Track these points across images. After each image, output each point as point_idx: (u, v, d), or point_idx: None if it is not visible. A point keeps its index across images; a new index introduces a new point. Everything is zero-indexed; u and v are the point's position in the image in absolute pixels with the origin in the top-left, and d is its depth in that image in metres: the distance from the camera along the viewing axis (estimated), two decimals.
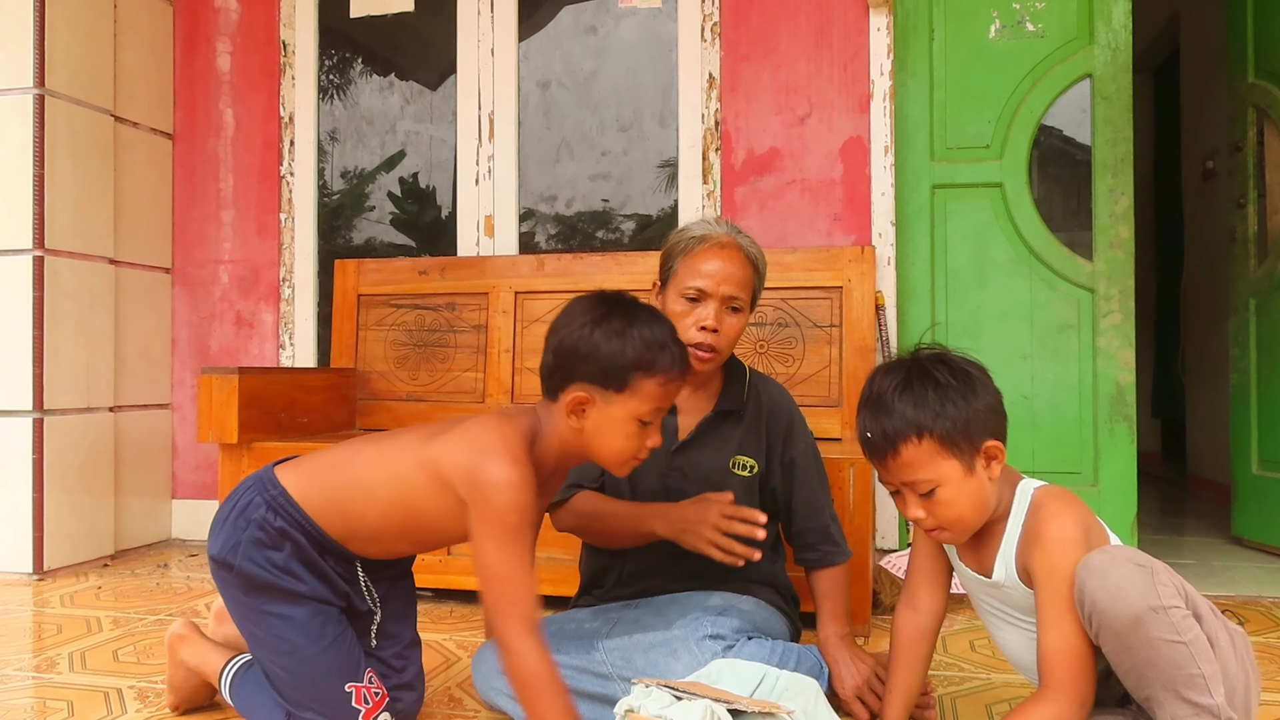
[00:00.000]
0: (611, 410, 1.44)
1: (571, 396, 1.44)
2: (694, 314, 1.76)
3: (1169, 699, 1.22)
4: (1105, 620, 1.23)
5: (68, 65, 3.06)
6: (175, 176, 3.60)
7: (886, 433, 1.35)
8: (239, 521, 1.51)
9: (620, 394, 1.44)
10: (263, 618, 1.51)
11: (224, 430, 2.68)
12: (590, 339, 1.43)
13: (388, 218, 3.66)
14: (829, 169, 3.06)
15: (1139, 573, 1.22)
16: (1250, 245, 3.34)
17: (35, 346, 2.94)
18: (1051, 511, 1.36)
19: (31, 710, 1.78)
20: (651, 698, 1.39)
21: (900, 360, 1.42)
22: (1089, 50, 3.02)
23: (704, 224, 1.85)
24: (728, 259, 1.78)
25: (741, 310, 1.80)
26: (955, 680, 1.94)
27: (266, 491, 1.51)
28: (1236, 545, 3.29)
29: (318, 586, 1.51)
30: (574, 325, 1.45)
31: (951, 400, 1.34)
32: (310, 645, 1.49)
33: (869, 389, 1.41)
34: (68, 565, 3.03)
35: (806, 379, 2.86)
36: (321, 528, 1.50)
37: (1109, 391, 2.96)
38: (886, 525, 2.94)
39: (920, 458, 1.34)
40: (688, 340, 1.72)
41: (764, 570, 1.90)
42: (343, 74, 3.67)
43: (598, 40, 3.41)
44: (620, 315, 1.46)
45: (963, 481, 1.35)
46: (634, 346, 1.43)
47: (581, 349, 1.44)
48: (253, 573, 1.48)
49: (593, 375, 1.43)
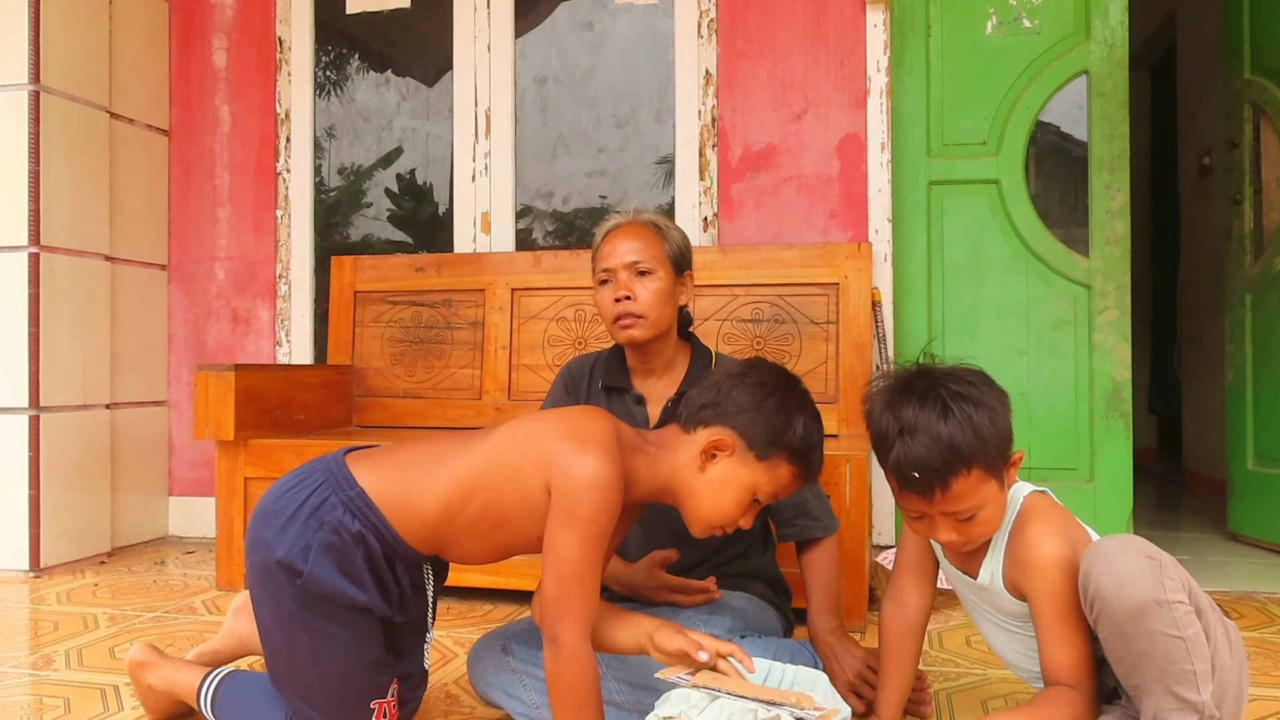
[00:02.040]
0: (741, 471, 1.41)
1: (716, 437, 1.41)
2: (607, 292, 1.85)
3: (1158, 691, 1.23)
4: (1108, 608, 1.23)
5: (63, 61, 3.05)
6: (171, 173, 3.60)
7: (938, 469, 1.28)
8: (310, 522, 1.37)
9: (759, 462, 1.41)
10: (307, 631, 1.38)
11: (220, 427, 2.68)
12: (763, 401, 1.42)
13: (385, 214, 3.65)
14: (826, 165, 3.06)
15: (1148, 564, 1.23)
16: (1246, 241, 3.34)
17: (31, 343, 2.94)
18: (1036, 534, 1.35)
19: (28, 707, 1.78)
20: (690, 702, 1.37)
21: (912, 380, 1.35)
22: (1085, 46, 3.02)
23: (606, 220, 1.94)
24: (623, 235, 1.87)
25: (653, 273, 1.84)
26: (951, 676, 1.94)
27: (342, 491, 1.38)
28: (1232, 541, 3.30)
29: (377, 598, 1.40)
30: (753, 379, 1.44)
31: (993, 421, 1.30)
32: (350, 664, 1.40)
33: (896, 419, 1.31)
34: (64, 562, 3.03)
35: (803, 376, 2.81)
36: (398, 532, 1.39)
37: (1105, 387, 2.97)
38: (883, 521, 2.94)
39: (969, 488, 1.30)
40: (609, 318, 1.85)
41: (755, 563, 1.91)
42: (339, 70, 3.67)
43: (594, 36, 3.41)
44: (797, 396, 1.45)
45: (998, 499, 1.35)
46: (796, 430, 1.41)
47: (749, 403, 1.42)
48: (322, 579, 1.35)
49: (745, 429, 1.41)
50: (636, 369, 1.93)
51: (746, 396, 1.42)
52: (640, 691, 1.55)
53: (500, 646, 1.67)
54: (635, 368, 1.93)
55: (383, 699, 1.44)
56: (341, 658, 1.39)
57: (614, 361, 1.96)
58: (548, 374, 3.03)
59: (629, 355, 1.93)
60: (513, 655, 1.65)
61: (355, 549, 1.36)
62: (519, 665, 1.63)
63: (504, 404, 3.11)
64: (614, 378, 1.93)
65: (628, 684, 1.56)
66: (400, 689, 1.50)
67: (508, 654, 1.65)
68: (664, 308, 1.85)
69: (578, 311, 3.09)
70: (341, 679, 1.40)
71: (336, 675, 1.40)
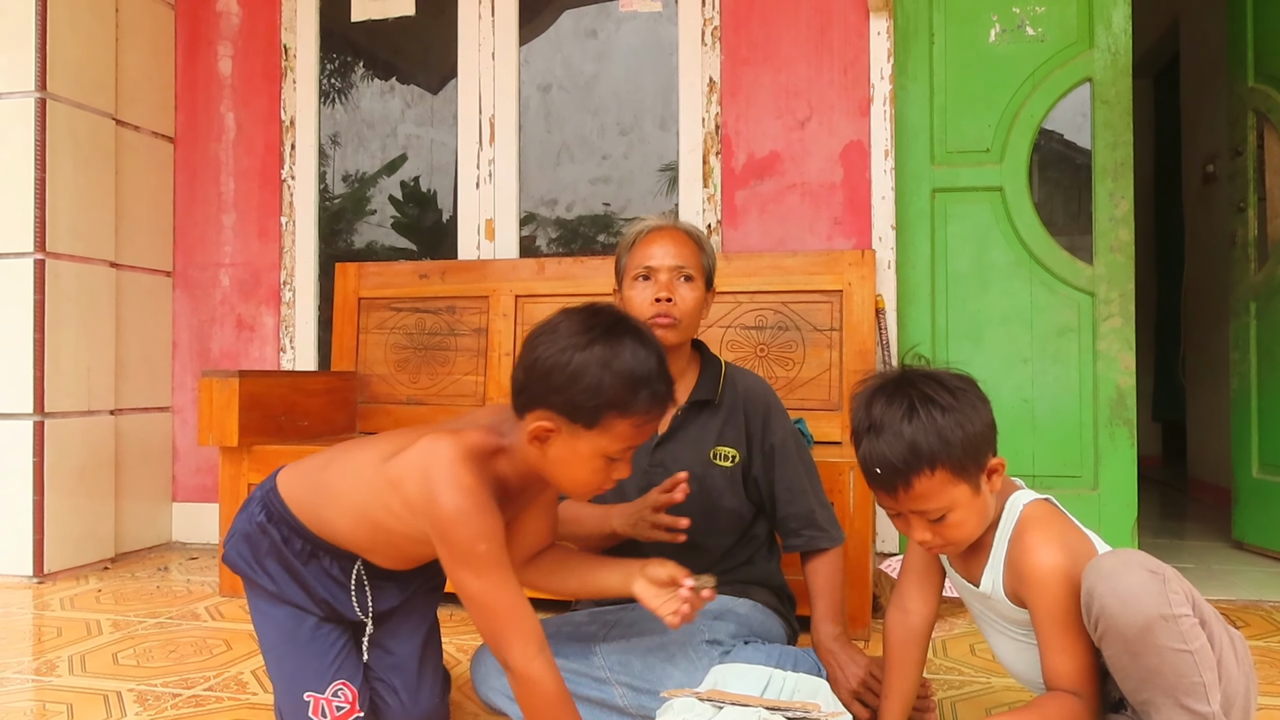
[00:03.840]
0: (577, 444, 1.34)
1: (535, 425, 1.34)
2: (646, 290, 1.83)
3: (1167, 705, 1.22)
4: (1114, 626, 1.22)
5: (69, 69, 3.07)
6: (176, 180, 3.61)
7: (897, 467, 1.29)
8: (241, 514, 1.55)
9: (590, 430, 1.32)
10: (253, 611, 1.55)
11: (224, 433, 2.68)
12: (568, 367, 1.30)
13: (389, 221, 3.66)
14: (829, 173, 3.07)
15: (1151, 579, 1.22)
16: (1250, 249, 3.34)
17: (36, 349, 2.94)
18: (1033, 543, 1.34)
19: (31, 713, 1.78)
20: (694, 711, 1.37)
21: (891, 380, 1.36)
22: (1089, 54, 3.02)
23: (644, 220, 1.93)
24: (667, 239, 1.86)
25: (694, 280, 1.85)
26: (955, 684, 1.94)
27: (264, 486, 1.54)
28: (1237, 549, 3.29)
29: (292, 590, 1.49)
30: (554, 346, 1.32)
31: (959, 424, 1.30)
32: (281, 645, 1.51)
33: (867, 415, 1.33)
34: (68, 568, 3.03)
35: (807, 382, 2.86)
36: (309, 526, 1.49)
37: (1109, 395, 2.96)
38: (886, 529, 2.93)
39: (933, 488, 1.30)
40: (644, 315, 1.78)
41: (760, 570, 1.90)
42: (344, 78, 3.68)
43: (598, 44, 3.41)
44: (605, 342, 1.31)
45: (971, 503, 1.34)
46: (613, 383, 1.30)
47: (555, 377, 1.31)
48: (232, 562, 1.53)
49: (562, 407, 1.32)
50: None
51: (550, 368, 1.31)
52: (644, 696, 1.54)
53: None
54: None
55: (318, 694, 1.48)
56: (275, 637, 1.51)
57: None
58: None
59: None
60: None
61: (262, 538, 1.50)
62: None
63: (470, 413, 3.11)
64: None
65: (631, 689, 1.56)
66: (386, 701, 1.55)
67: None
68: (696, 316, 1.86)
69: None
70: (278, 660, 1.52)
71: (275, 656, 1.52)
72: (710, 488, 1.85)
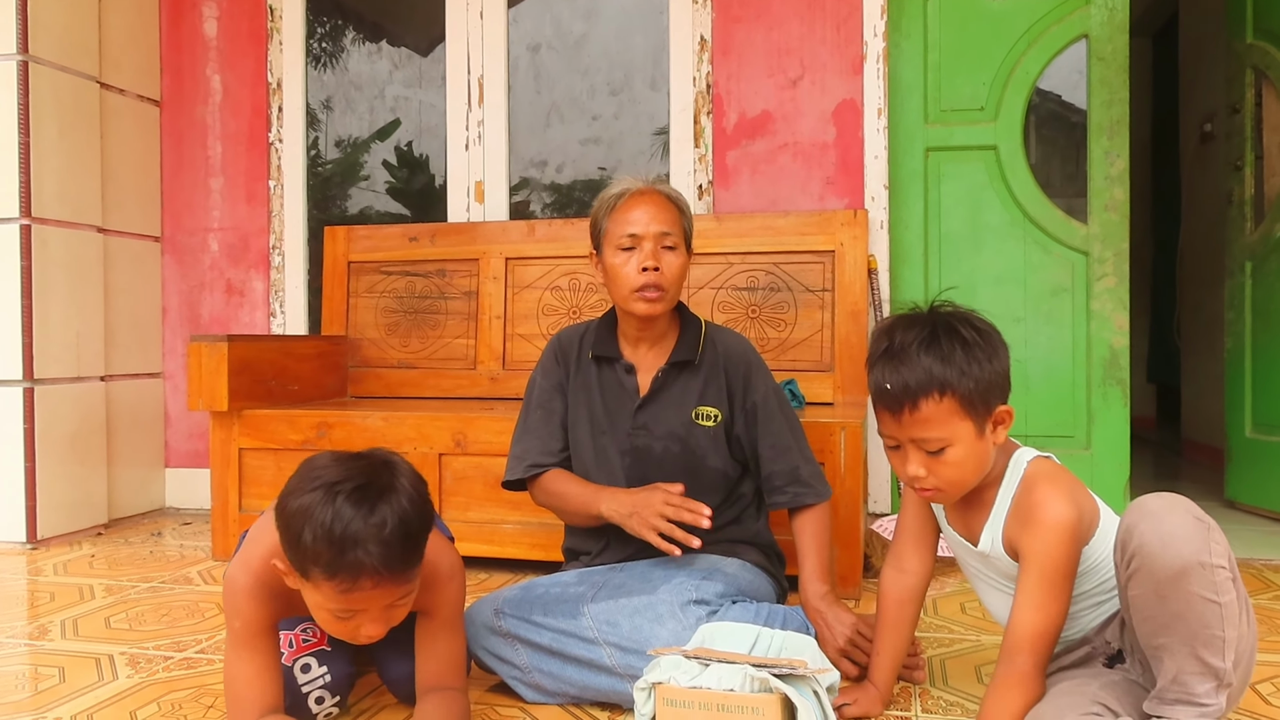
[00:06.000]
0: (306, 593, 1.27)
1: (274, 562, 1.30)
2: (632, 260, 1.81)
3: (1183, 653, 1.21)
4: (1148, 564, 1.20)
5: (52, 31, 3.02)
6: (163, 144, 3.57)
7: (909, 385, 1.31)
8: None
9: (306, 581, 1.24)
10: None
11: (214, 398, 2.67)
12: (285, 510, 1.23)
13: (383, 187, 3.63)
14: (821, 132, 3.03)
15: (1196, 525, 1.20)
16: (1247, 208, 3.32)
17: (24, 316, 2.93)
18: (1045, 494, 1.33)
19: (24, 676, 1.78)
20: (681, 669, 1.37)
21: (921, 314, 1.38)
22: (1085, 10, 2.98)
23: (621, 181, 1.90)
24: (650, 202, 1.84)
25: (677, 248, 1.84)
26: (945, 642, 1.95)
27: None
28: (1230, 508, 3.30)
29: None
30: (291, 485, 1.25)
31: (977, 360, 1.31)
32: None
33: (888, 340, 1.35)
34: (61, 534, 3.03)
35: (799, 343, 2.85)
36: None
37: (1102, 355, 2.95)
38: (878, 489, 2.94)
39: (939, 415, 1.31)
40: (633, 286, 1.80)
41: (748, 529, 1.91)
42: (332, 40, 3.63)
43: (588, 2, 3.36)
44: (326, 491, 1.20)
45: (973, 443, 1.33)
46: (316, 537, 1.18)
47: (279, 518, 1.25)
48: None
49: (285, 549, 1.25)
50: (630, 337, 1.92)
51: (279, 509, 1.25)
52: (632, 656, 1.55)
53: (492, 611, 1.67)
54: (630, 336, 1.92)
55: (288, 630, 1.53)
56: None
57: (604, 331, 1.95)
58: (542, 343, 3.01)
59: (627, 324, 1.91)
60: (504, 620, 1.65)
61: None
62: (510, 629, 1.63)
63: (498, 374, 3.10)
64: (604, 347, 1.92)
65: (619, 649, 1.56)
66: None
67: (500, 618, 1.65)
68: (681, 285, 1.87)
69: (572, 280, 3.07)
70: None
71: None
72: (694, 448, 1.85)
